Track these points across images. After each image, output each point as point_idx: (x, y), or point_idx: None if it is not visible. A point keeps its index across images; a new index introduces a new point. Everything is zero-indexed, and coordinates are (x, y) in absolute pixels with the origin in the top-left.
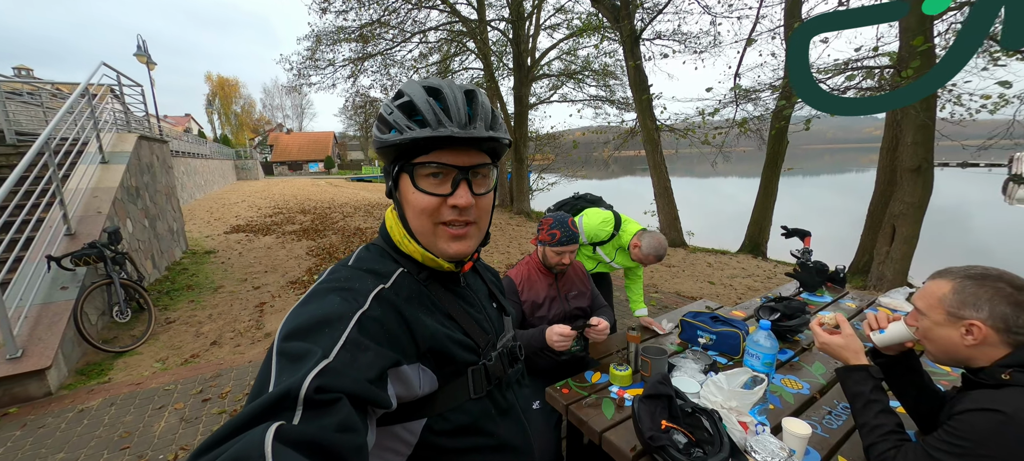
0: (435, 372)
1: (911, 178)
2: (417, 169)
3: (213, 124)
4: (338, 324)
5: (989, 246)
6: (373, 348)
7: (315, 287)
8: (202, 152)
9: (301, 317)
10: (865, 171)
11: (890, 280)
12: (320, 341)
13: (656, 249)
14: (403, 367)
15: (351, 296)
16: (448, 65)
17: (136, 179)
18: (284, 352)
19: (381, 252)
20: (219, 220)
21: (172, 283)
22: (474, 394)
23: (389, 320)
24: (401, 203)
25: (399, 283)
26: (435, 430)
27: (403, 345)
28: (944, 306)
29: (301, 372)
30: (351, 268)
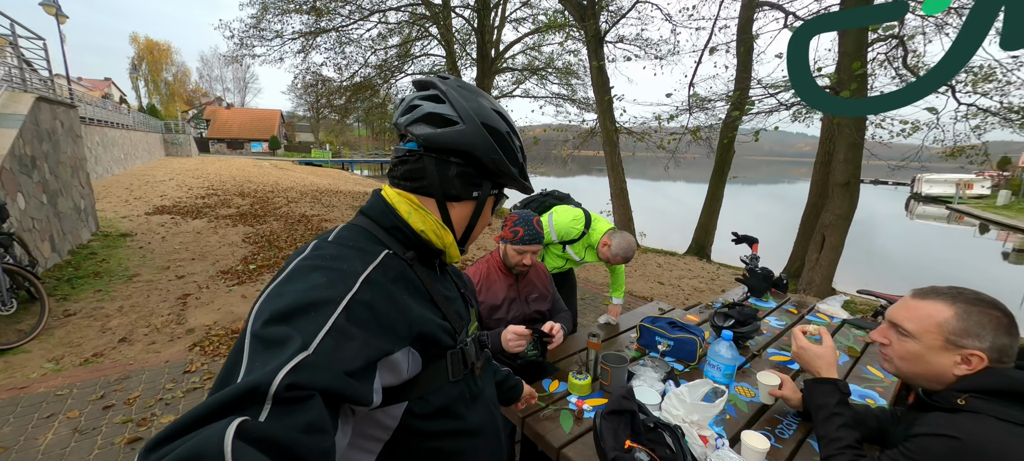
0: (421, 355)
1: (841, 192)
2: (501, 199)
3: (138, 92)
4: (323, 309)
5: (891, 254)
6: (360, 337)
7: (297, 263)
8: (123, 122)
9: (283, 298)
10: (795, 182)
11: (818, 284)
12: (301, 327)
13: (625, 249)
14: (394, 354)
15: (339, 277)
16: (408, 49)
17: (32, 147)
18: (259, 336)
19: (365, 232)
20: (140, 199)
21: (75, 270)
22: (452, 377)
23: (380, 305)
24: (470, 212)
25: (386, 264)
26: (415, 413)
27: (395, 330)
28: (943, 332)
29: (274, 364)
30: (337, 245)
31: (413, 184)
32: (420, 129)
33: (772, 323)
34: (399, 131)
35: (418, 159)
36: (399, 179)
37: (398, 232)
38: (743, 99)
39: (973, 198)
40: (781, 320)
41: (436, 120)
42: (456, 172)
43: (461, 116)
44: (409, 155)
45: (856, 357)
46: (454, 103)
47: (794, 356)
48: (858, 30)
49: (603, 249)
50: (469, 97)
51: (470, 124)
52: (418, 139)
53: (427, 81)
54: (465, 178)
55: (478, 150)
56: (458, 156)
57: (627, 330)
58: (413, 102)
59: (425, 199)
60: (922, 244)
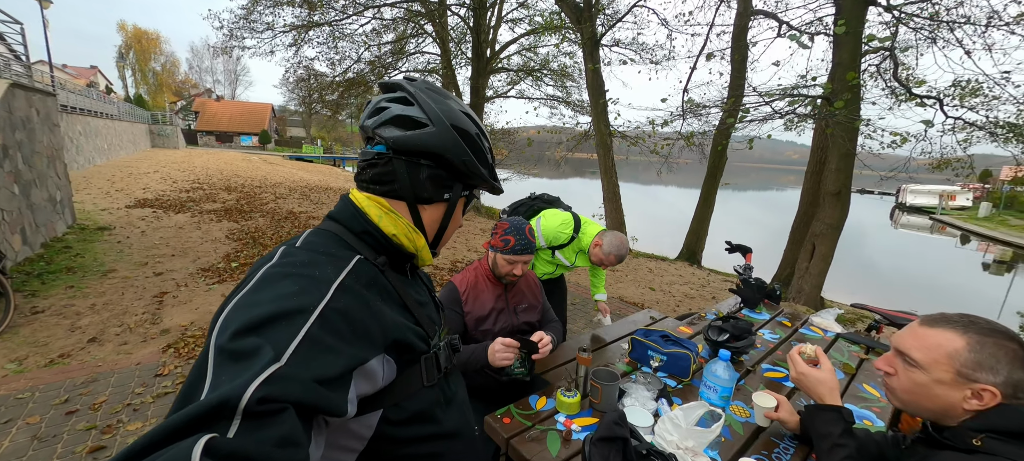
0: (396, 362)
1: (832, 201)
2: (472, 200)
3: (125, 81)
4: (296, 318)
5: (877, 261)
6: (335, 346)
7: (266, 271)
8: (107, 111)
9: (252, 308)
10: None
11: (807, 293)
12: (272, 338)
13: (617, 249)
14: (369, 363)
15: (312, 284)
16: (403, 46)
17: (5, 136)
18: (226, 349)
19: (335, 238)
20: (122, 191)
21: (47, 264)
22: (427, 382)
23: (354, 312)
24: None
25: (359, 269)
26: (391, 420)
27: (370, 337)
28: (954, 364)
29: (245, 377)
30: (307, 251)
31: (383, 187)
32: (389, 132)
33: (766, 336)
34: (366, 134)
35: (387, 162)
36: (368, 182)
37: (369, 237)
38: (737, 106)
39: (955, 209)
40: (775, 333)
41: (405, 123)
42: (427, 175)
43: (430, 118)
44: (378, 158)
45: (851, 374)
46: (423, 105)
47: (794, 381)
48: (854, 41)
49: (595, 250)
50: (438, 99)
51: (440, 126)
52: (387, 142)
53: (394, 83)
54: (436, 180)
55: (449, 152)
56: (428, 159)
57: (619, 339)
58: (380, 104)
59: (396, 202)
60: (906, 253)
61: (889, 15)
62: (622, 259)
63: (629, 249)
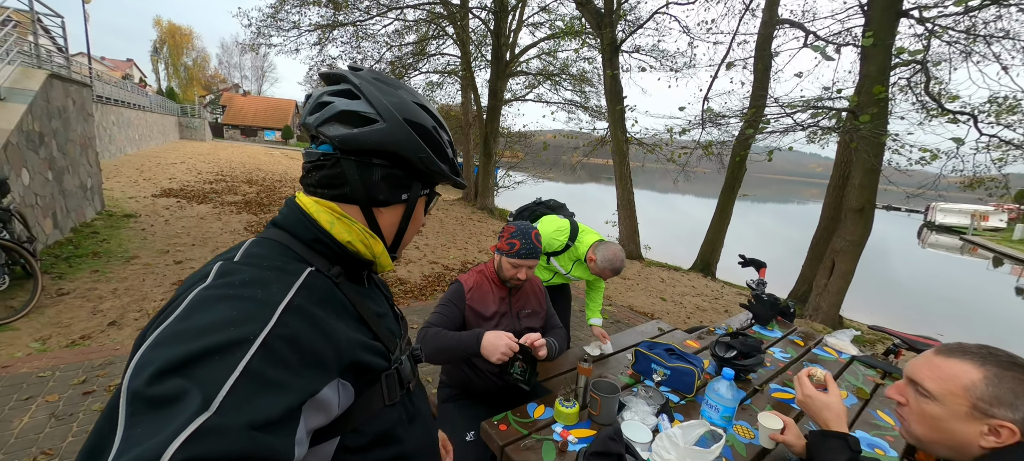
0: (354, 385)
1: (854, 217)
2: (434, 198)
3: (158, 74)
4: (232, 352)
5: (902, 281)
6: (280, 380)
7: (199, 293)
8: (140, 103)
9: (177, 342)
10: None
11: (825, 311)
12: (202, 379)
13: (612, 262)
14: (322, 392)
15: (254, 308)
16: (424, 47)
17: (42, 124)
18: (143, 396)
19: (281, 248)
20: (149, 180)
21: (75, 248)
22: (388, 401)
23: (305, 336)
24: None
25: (311, 284)
26: (349, 447)
27: (323, 364)
28: (970, 397)
29: (164, 435)
30: (249, 266)
31: (333, 191)
32: (334, 130)
33: (776, 355)
34: (309, 132)
35: (335, 163)
36: (315, 186)
37: (320, 245)
38: (758, 117)
39: (988, 230)
40: (787, 352)
41: (352, 119)
42: (381, 175)
43: (380, 113)
44: (324, 159)
45: (865, 399)
46: (371, 98)
47: (800, 404)
48: (883, 53)
49: (590, 263)
50: (387, 91)
51: (391, 121)
52: (333, 141)
53: (337, 74)
54: (392, 181)
55: (403, 149)
56: (381, 157)
57: (622, 350)
58: (323, 99)
59: (348, 206)
60: (933, 274)
61: (921, 27)
62: (617, 272)
63: (624, 263)
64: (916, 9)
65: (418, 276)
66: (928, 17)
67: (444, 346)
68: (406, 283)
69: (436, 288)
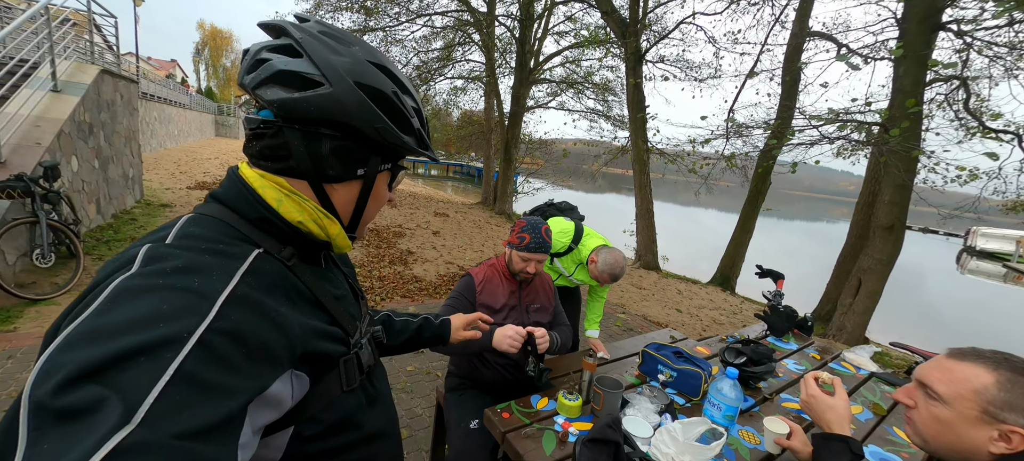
0: (309, 374)
1: (883, 235)
2: (399, 172)
3: (198, 74)
4: (160, 353)
5: (938, 309)
6: (219, 382)
7: (123, 282)
8: (181, 101)
9: (94, 342)
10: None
11: (850, 331)
12: (123, 386)
13: (611, 267)
14: (271, 388)
15: (188, 301)
16: (450, 53)
17: (91, 115)
18: (48, 407)
19: (223, 226)
20: (185, 173)
21: (115, 232)
22: (346, 387)
23: (250, 329)
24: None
25: (258, 269)
26: (304, 436)
27: (271, 357)
28: (981, 401)
29: (73, 455)
30: (182, 250)
31: (276, 164)
32: (272, 93)
33: (790, 367)
34: (247, 93)
35: (277, 132)
36: (257, 158)
37: (268, 225)
38: (784, 129)
39: None
40: (801, 365)
41: (291, 80)
42: (330, 147)
43: (326, 75)
44: (264, 127)
45: (882, 416)
46: (314, 57)
47: (803, 405)
48: (917, 68)
49: (591, 266)
50: (336, 47)
51: (339, 85)
52: (271, 106)
53: (276, 24)
54: (343, 154)
55: (355, 119)
56: (330, 127)
57: (630, 355)
58: (259, 55)
59: (296, 181)
60: (971, 302)
61: (960, 41)
62: (617, 278)
63: (624, 270)
64: (954, 22)
65: (434, 275)
66: (966, 30)
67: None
68: (422, 281)
69: (451, 288)
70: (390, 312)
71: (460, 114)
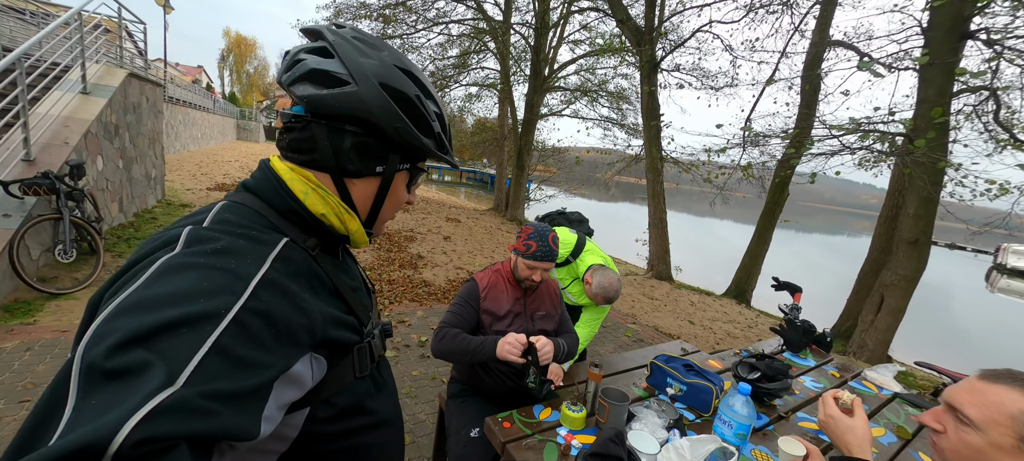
0: (327, 359)
1: (907, 250)
2: (418, 175)
3: (223, 80)
4: (201, 325)
5: (966, 328)
6: (251, 357)
7: (167, 261)
8: (205, 105)
9: (142, 311)
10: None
11: (871, 349)
12: (167, 353)
13: (605, 290)
14: (294, 367)
15: (226, 279)
16: (466, 61)
17: (118, 117)
18: (99, 368)
19: (255, 215)
20: (206, 175)
21: (135, 231)
22: (359, 373)
23: (279, 311)
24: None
25: (286, 256)
26: (319, 418)
27: (296, 339)
28: (1018, 428)
29: (122, 409)
30: (221, 232)
31: (302, 156)
32: (303, 89)
33: (808, 384)
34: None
35: (305, 126)
36: (286, 150)
37: (294, 215)
38: (802, 139)
39: None
40: (819, 382)
41: (322, 79)
42: (351, 143)
43: (353, 75)
44: (295, 121)
45: (906, 440)
46: (345, 58)
47: (821, 425)
48: (943, 77)
49: (585, 285)
50: (366, 51)
51: (365, 85)
52: (302, 102)
53: (314, 29)
54: (364, 150)
55: (376, 117)
56: (354, 124)
57: (638, 367)
58: (297, 56)
59: (320, 175)
60: (1002, 322)
61: (990, 50)
62: (610, 301)
63: (618, 294)
64: (983, 31)
65: (443, 280)
66: (996, 39)
67: (462, 349)
68: (431, 285)
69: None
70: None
71: (474, 121)
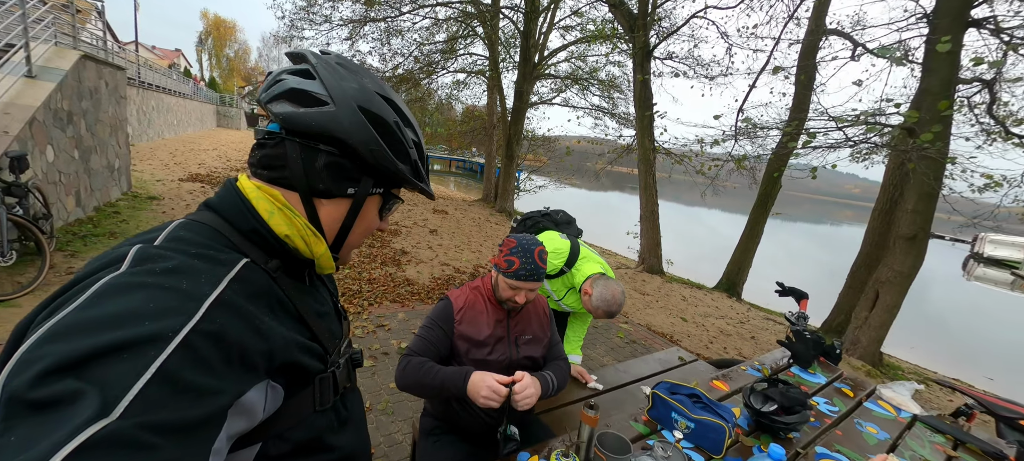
0: (285, 387)
1: (905, 246)
2: (394, 202)
3: (201, 64)
4: (145, 349)
5: (944, 315)
6: (201, 384)
7: (111, 280)
8: (181, 90)
9: (76, 335)
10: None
11: (864, 346)
12: (104, 380)
13: (608, 304)
14: (247, 395)
15: (176, 299)
16: (453, 46)
17: (71, 103)
18: (23, 399)
19: (215, 234)
20: (180, 165)
21: (94, 226)
22: (319, 406)
23: (233, 333)
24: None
25: (245, 277)
26: (271, 455)
27: (250, 364)
28: None
29: (46, 444)
30: (174, 250)
31: (272, 173)
32: (281, 107)
33: (821, 406)
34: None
35: (278, 143)
36: (256, 166)
37: (257, 236)
38: (800, 129)
39: None
40: (834, 404)
41: (300, 98)
42: (324, 162)
43: (332, 96)
44: (268, 137)
45: None
46: (325, 80)
47: None
48: (948, 68)
49: (584, 297)
50: (347, 76)
51: (343, 106)
52: (278, 119)
53: (299, 53)
54: (337, 170)
55: (352, 138)
56: (328, 143)
57: (639, 380)
58: (278, 76)
59: (289, 193)
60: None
61: (996, 40)
62: (611, 315)
63: (621, 306)
64: (991, 19)
65: (427, 278)
66: (1007, 27)
67: (429, 383)
68: (414, 284)
69: (445, 292)
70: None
71: (463, 109)
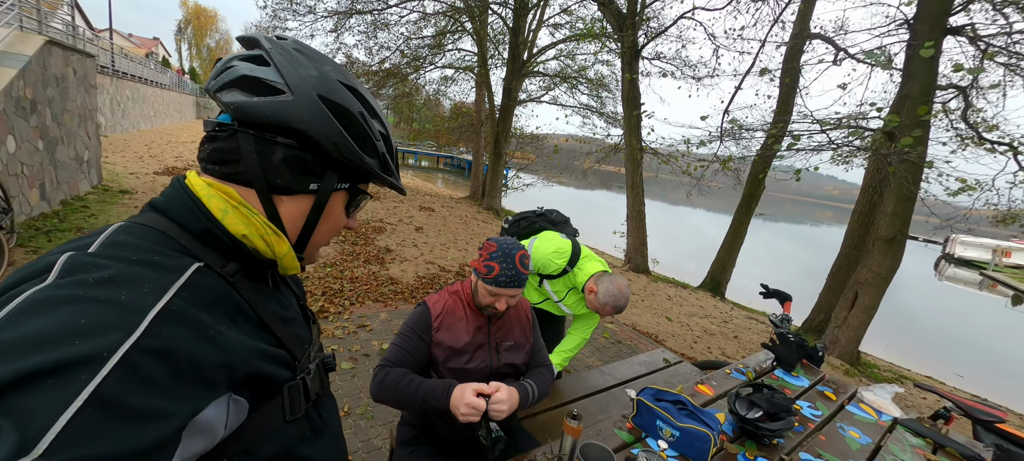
0: (249, 399)
1: (883, 248)
2: (362, 198)
3: (181, 54)
4: (75, 372)
5: (915, 314)
6: (147, 407)
7: (33, 294)
8: (158, 80)
9: None
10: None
11: (843, 345)
12: (22, 413)
13: (616, 299)
14: (204, 412)
15: (111, 314)
16: (441, 41)
17: (35, 91)
18: None
19: (161, 237)
20: (155, 157)
21: (60, 221)
22: (290, 416)
23: (183, 347)
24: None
25: (196, 283)
26: None
27: (206, 378)
28: None
29: None
30: (109, 260)
31: (225, 169)
32: (231, 96)
33: (804, 410)
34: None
35: (231, 135)
36: (206, 161)
37: (211, 237)
38: (783, 132)
39: (1010, 267)
40: (817, 408)
41: (253, 86)
42: (282, 156)
43: (289, 84)
44: (219, 129)
45: None
46: (281, 67)
47: None
48: (927, 73)
49: (589, 296)
50: (306, 63)
51: (302, 95)
52: (229, 109)
53: (251, 38)
54: (297, 165)
55: (313, 130)
56: (286, 136)
57: (623, 384)
58: (228, 62)
59: (245, 190)
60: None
61: (973, 48)
62: (619, 310)
63: (628, 300)
64: (969, 26)
65: (412, 277)
66: (983, 35)
67: (407, 396)
68: (398, 283)
69: (430, 291)
70: None
71: (451, 105)
